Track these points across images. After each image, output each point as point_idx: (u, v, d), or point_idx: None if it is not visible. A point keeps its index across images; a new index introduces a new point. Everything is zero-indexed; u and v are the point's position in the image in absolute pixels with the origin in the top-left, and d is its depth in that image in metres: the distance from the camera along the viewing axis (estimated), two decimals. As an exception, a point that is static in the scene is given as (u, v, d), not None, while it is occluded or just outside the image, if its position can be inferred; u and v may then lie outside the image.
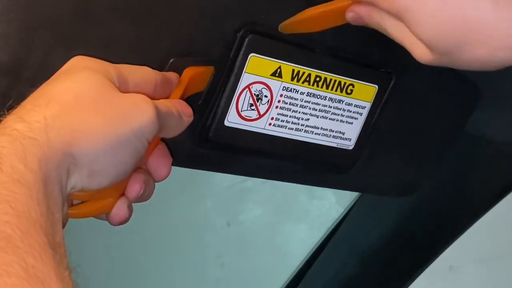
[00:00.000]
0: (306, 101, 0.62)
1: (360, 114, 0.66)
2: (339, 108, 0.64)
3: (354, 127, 0.66)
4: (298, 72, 0.60)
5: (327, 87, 0.62)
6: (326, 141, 0.65)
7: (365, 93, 0.65)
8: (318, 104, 0.63)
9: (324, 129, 0.64)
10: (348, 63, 0.63)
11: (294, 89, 0.60)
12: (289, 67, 0.59)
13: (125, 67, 0.46)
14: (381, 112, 0.67)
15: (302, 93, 0.61)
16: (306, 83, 0.61)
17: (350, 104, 0.65)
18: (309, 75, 0.61)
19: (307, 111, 0.62)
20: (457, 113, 0.77)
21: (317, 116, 0.63)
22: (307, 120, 0.63)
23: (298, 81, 0.60)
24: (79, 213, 0.45)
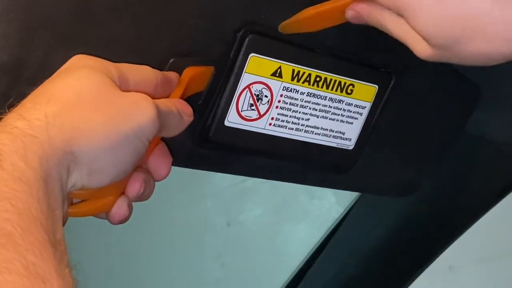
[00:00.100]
0: (306, 101, 0.62)
1: (360, 114, 0.66)
2: (339, 108, 0.64)
3: (354, 127, 0.66)
4: (298, 72, 0.60)
5: (327, 87, 0.62)
6: (326, 141, 0.65)
7: (365, 93, 0.65)
8: (318, 104, 0.63)
9: (324, 129, 0.64)
10: (348, 63, 0.63)
11: (294, 89, 0.60)
12: (289, 67, 0.59)
13: (125, 66, 0.46)
14: (381, 112, 0.67)
15: (302, 93, 0.61)
16: (306, 83, 0.61)
17: (350, 104, 0.65)
18: (309, 75, 0.61)
19: (307, 111, 0.62)
20: (457, 113, 0.77)
21: (317, 116, 0.63)
22: (307, 120, 0.63)
23: (298, 81, 0.60)
24: (79, 211, 0.45)
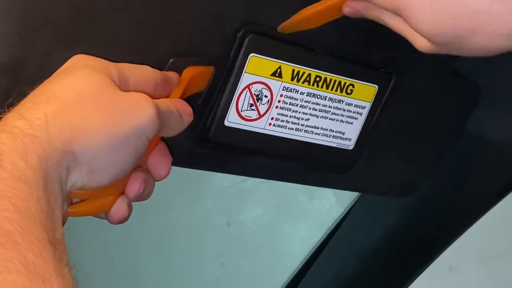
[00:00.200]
0: (306, 101, 0.62)
1: (360, 114, 0.66)
2: (339, 108, 0.64)
3: (354, 127, 0.66)
4: (298, 72, 0.60)
5: (327, 87, 0.62)
6: (326, 141, 0.65)
7: (365, 93, 0.65)
8: (318, 104, 0.63)
9: (324, 129, 0.64)
10: (348, 63, 0.63)
11: (294, 89, 0.60)
12: (289, 67, 0.59)
13: (125, 65, 0.47)
14: (381, 112, 0.67)
15: (302, 93, 0.61)
16: (306, 83, 0.61)
17: (350, 104, 0.65)
18: (309, 75, 0.61)
19: (307, 111, 0.62)
20: (457, 113, 0.77)
21: (317, 116, 0.63)
22: (307, 120, 0.63)
23: (298, 81, 0.60)
24: (79, 211, 0.45)
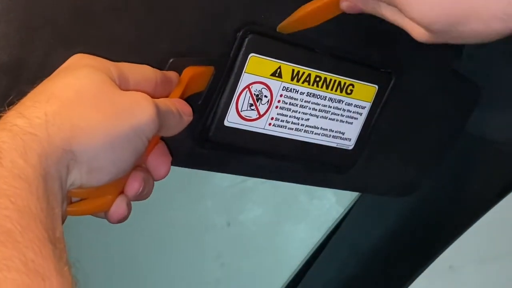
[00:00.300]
0: (306, 101, 0.62)
1: (360, 114, 0.66)
2: (339, 108, 0.64)
3: (354, 127, 0.66)
4: (298, 72, 0.60)
5: (327, 87, 0.62)
6: (326, 141, 0.65)
7: (365, 93, 0.65)
8: (318, 104, 0.63)
9: (324, 129, 0.64)
10: (348, 63, 0.63)
11: (294, 89, 0.61)
12: (289, 67, 0.59)
13: (125, 65, 0.47)
14: (381, 112, 0.67)
15: (302, 93, 0.61)
16: (306, 83, 0.61)
17: (350, 104, 0.65)
18: (309, 75, 0.61)
19: (307, 111, 0.62)
20: (457, 113, 0.77)
21: (317, 116, 0.63)
22: (307, 120, 0.63)
23: (298, 81, 0.60)
24: (78, 210, 0.45)
